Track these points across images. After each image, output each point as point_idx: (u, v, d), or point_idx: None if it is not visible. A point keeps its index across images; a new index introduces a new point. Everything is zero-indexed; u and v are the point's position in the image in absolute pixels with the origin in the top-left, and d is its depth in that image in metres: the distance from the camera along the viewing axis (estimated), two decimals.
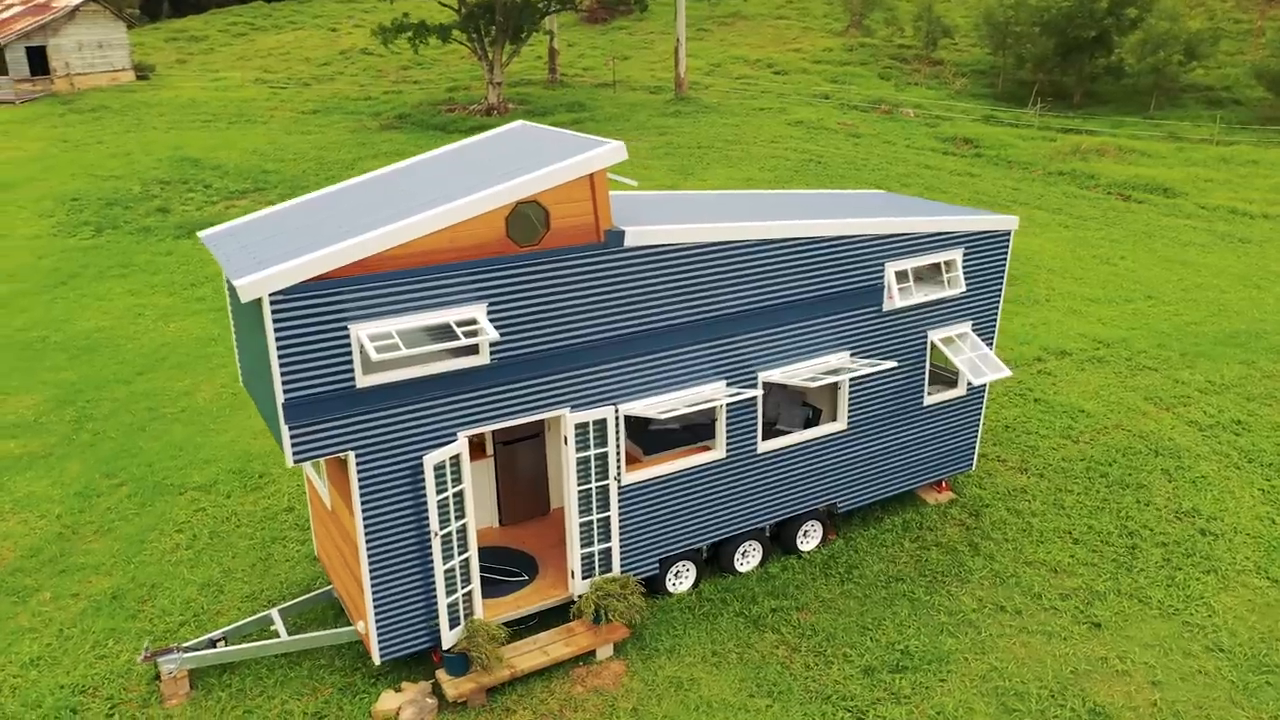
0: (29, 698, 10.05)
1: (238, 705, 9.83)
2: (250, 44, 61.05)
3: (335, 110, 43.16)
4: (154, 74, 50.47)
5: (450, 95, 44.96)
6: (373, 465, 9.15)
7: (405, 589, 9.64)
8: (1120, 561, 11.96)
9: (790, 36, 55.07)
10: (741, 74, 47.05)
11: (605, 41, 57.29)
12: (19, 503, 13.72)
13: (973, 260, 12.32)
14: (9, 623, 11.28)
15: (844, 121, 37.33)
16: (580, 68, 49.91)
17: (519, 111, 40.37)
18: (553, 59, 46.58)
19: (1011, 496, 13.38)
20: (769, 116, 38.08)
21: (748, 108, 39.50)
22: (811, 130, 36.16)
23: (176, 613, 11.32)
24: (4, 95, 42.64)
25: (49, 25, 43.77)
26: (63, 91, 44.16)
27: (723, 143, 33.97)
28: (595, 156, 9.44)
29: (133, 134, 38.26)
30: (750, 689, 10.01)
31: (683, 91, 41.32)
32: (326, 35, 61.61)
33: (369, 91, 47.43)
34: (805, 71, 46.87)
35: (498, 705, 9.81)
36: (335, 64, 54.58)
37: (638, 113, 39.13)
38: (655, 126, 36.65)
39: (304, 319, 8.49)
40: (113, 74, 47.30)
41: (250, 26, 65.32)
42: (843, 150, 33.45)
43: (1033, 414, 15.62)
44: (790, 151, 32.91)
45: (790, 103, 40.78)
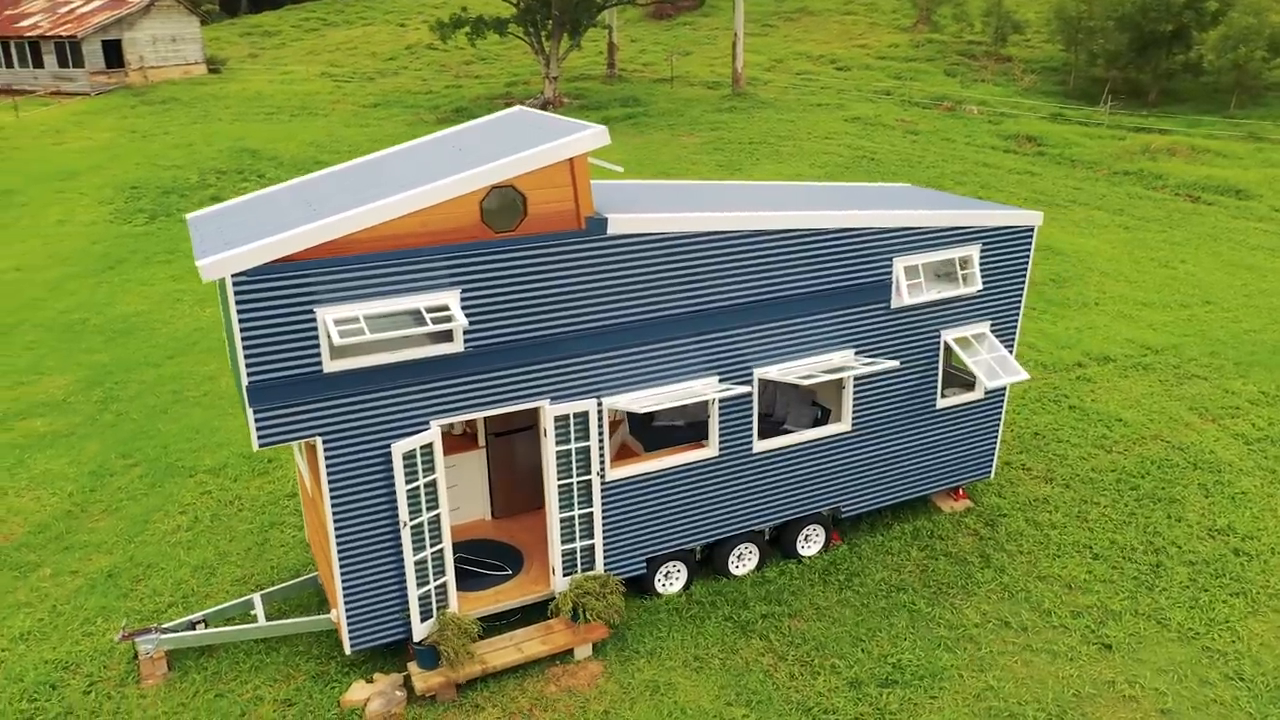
0: (13, 671, 10.17)
1: (211, 688, 9.80)
2: (321, 39, 62.20)
3: (395, 104, 43.65)
4: (225, 67, 51.71)
5: (509, 90, 45.14)
6: (341, 452, 9.00)
7: (376, 579, 9.48)
8: (1141, 580, 11.25)
9: (856, 32, 54.02)
10: (802, 70, 46.27)
11: (668, 37, 56.94)
12: (35, 479, 13.98)
13: (992, 257, 11.71)
14: (8, 597, 11.45)
15: (903, 118, 36.41)
16: (640, 63, 49.66)
17: (574, 106, 40.31)
18: (611, 54, 46.42)
19: (1032, 507, 12.71)
20: (825, 113, 37.33)
21: (804, 104, 38.78)
22: (868, 127, 35.33)
23: (167, 593, 11.36)
24: (80, 87, 44.09)
25: (125, 19, 45.12)
26: (136, 84, 45.50)
27: (775, 139, 33.38)
28: (574, 141, 9.16)
29: (198, 125, 39.19)
30: (729, 697, 9.63)
31: (739, 87, 40.78)
32: (395, 30, 62.45)
33: (430, 86, 47.88)
34: (868, 68, 45.88)
35: (467, 701, 9.60)
36: (400, 59, 55.27)
37: (692, 108, 38.72)
38: (708, 122, 36.21)
39: (268, 301, 8.37)
40: (185, 67, 48.58)
41: (322, 22, 66.57)
42: (898, 147, 32.59)
43: (1066, 421, 14.87)
44: (843, 148, 32.18)
45: (849, 99, 39.94)
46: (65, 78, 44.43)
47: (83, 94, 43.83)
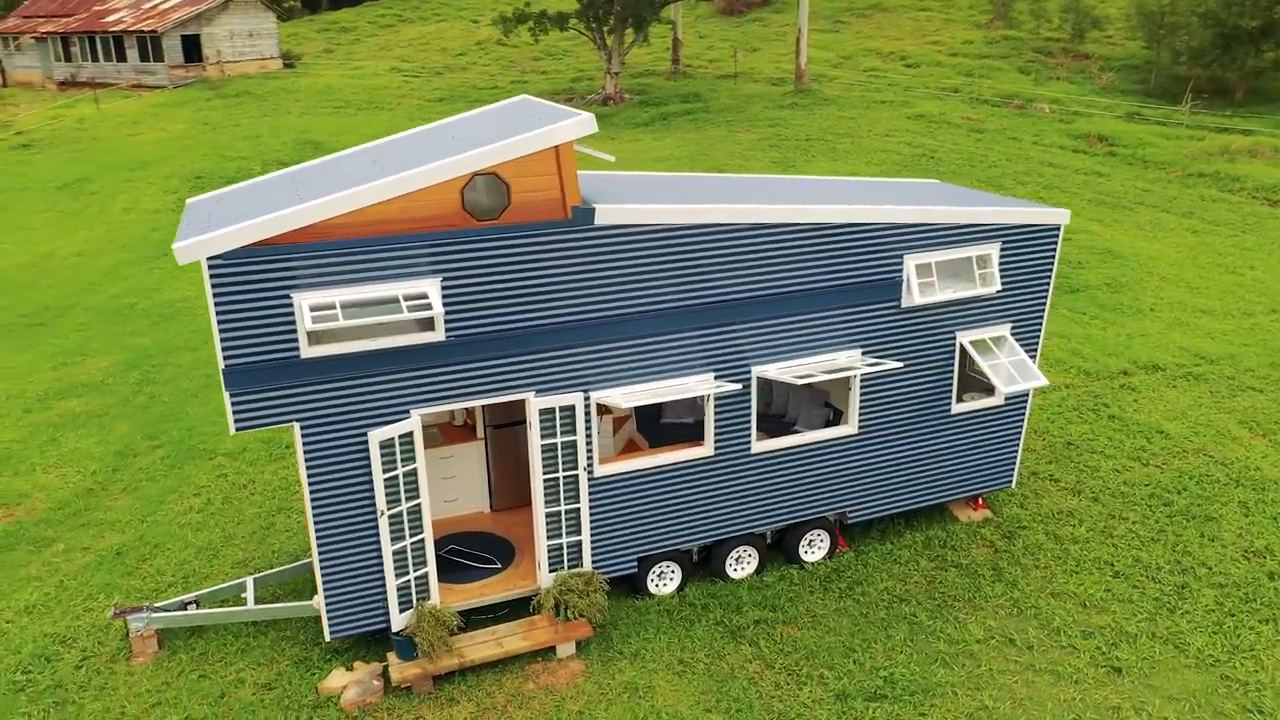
0: (13, 642, 10.41)
1: (196, 669, 9.88)
2: (394, 35, 63.21)
3: (460, 99, 44.07)
4: (300, 62, 52.89)
5: (572, 85, 45.23)
6: (320, 438, 8.97)
7: (356, 567, 9.44)
8: (1163, 601, 10.61)
9: (930, 29, 52.73)
10: (870, 66, 45.34)
11: (737, 34, 56.40)
12: (64, 458, 14.37)
13: (1013, 257, 11.18)
14: (21, 570, 11.75)
15: (969, 116, 35.38)
16: (706, 59, 49.25)
17: (634, 102, 40.17)
18: (676, 50, 46.14)
19: (1055, 520, 12.11)
20: (889, 110, 36.48)
21: (868, 101, 37.97)
22: (931, 125, 34.41)
23: (170, 573, 11.53)
24: (159, 80, 45.54)
25: (203, 15, 46.46)
26: (213, 78, 46.81)
27: (833, 136, 32.73)
28: (559, 128, 8.96)
29: (267, 118, 40.12)
30: (709, 703, 9.34)
31: (802, 83, 40.12)
32: (466, 27, 63.12)
33: (496, 81, 48.25)
34: (939, 65, 44.71)
35: (443, 694, 9.50)
36: (470, 54, 55.83)
37: (753, 104, 38.23)
38: (767, 118, 35.70)
39: (244, 285, 8.37)
40: (261, 62, 49.82)
41: (397, 18, 67.65)
42: (961, 146, 31.66)
43: (1103, 432, 14.16)
44: (903, 146, 31.38)
45: (915, 96, 38.97)
46: (146, 71, 45.95)
47: (161, 87, 45.27)
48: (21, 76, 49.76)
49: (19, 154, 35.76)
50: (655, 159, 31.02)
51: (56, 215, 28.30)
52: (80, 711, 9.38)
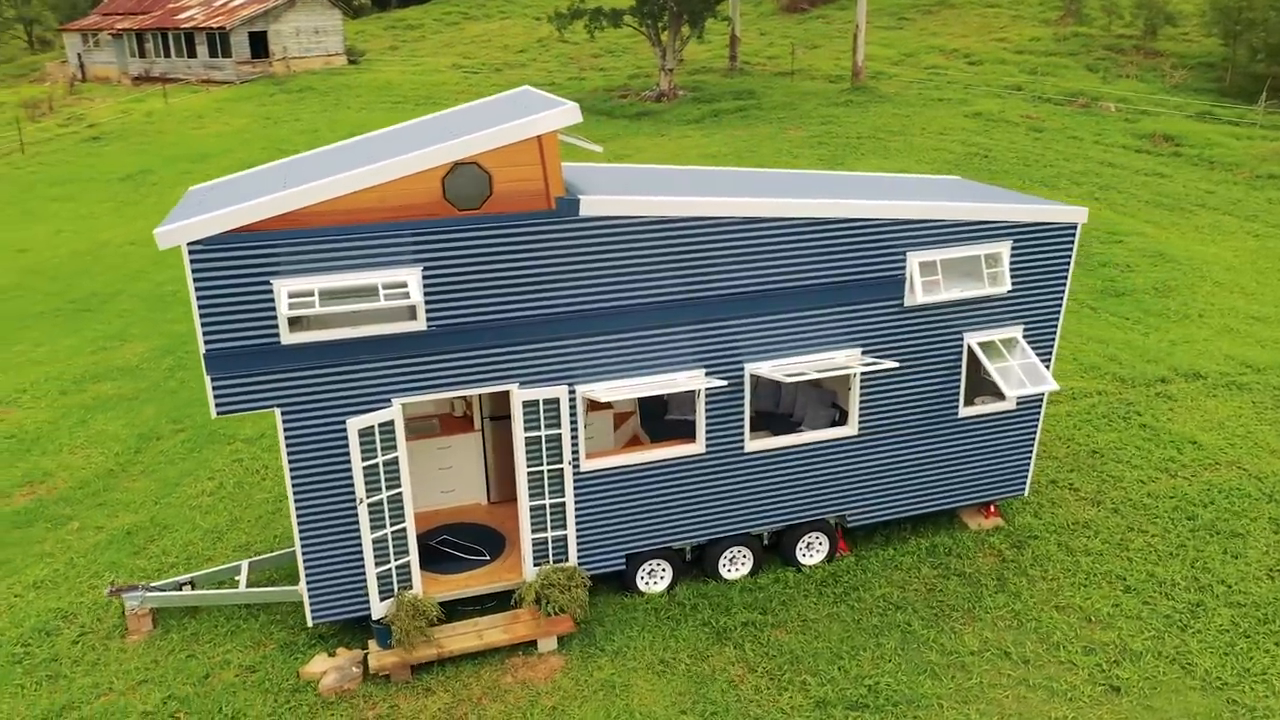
0: (18, 615, 10.71)
1: (185, 649, 10.04)
2: (459, 32, 63.90)
3: None
4: (364, 59, 53.81)
5: (628, 82, 45.19)
6: (300, 424, 9.03)
7: (337, 554, 9.49)
8: (1174, 619, 10.12)
9: (997, 25, 51.44)
10: (932, 64, 44.38)
11: (799, 31, 55.75)
12: (91, 439, 14.77)
13: (1026, 256, 10.77)
14: (36, 546, 12.10)
15: (1029, 115, 34.39)
16: (765, 56, 48.77)
17: (687, 98, 39.97)
18: (733, 46, 45.76)
19: (1069, 530, 11.65)
20: (946, 108, 35.66)
21: (925, 98, 37.16)
22: (989, 123, 33.53)
23: (175, 554, 11.75)
24: (227, 76, 46.74)
25: (271, 12, 47.55)
26: (279, 74, 47.88)
27: (886, 134, 32.10)
28: (540, 118, 8.87)
29: (327, 113, 40.89)
30: (684, 704, 9.18)
31: (859, 80, 39.46)
32: (529, 24, 63.48)
33: (554, 78, 48.42)
34: (1003, 62, 43.56)
35: (420, 683, 9.49)
36: (531, 51, 56.16)
37: (807, 101, 37.72)
38: (820, 116, 35.18)
39: (224, 270, 8.46)
40: (326, 58, 50.81)
41: (463, 16, 68.38)
42: (1017, 145, 30.78)
43: (1132, 440, 13.59)
44: (957, 144, 30.63)
45: (976, 94, 38.03)
46: (215, 67, 47.22)
47: (229, 82, 46.46)
48: (100, 72, 51.55)
49: (89, 145, 37.02)
50: (702, 155, 30.80)
51: (117, 205, 29.21)
52: (70, 685, 9.60)
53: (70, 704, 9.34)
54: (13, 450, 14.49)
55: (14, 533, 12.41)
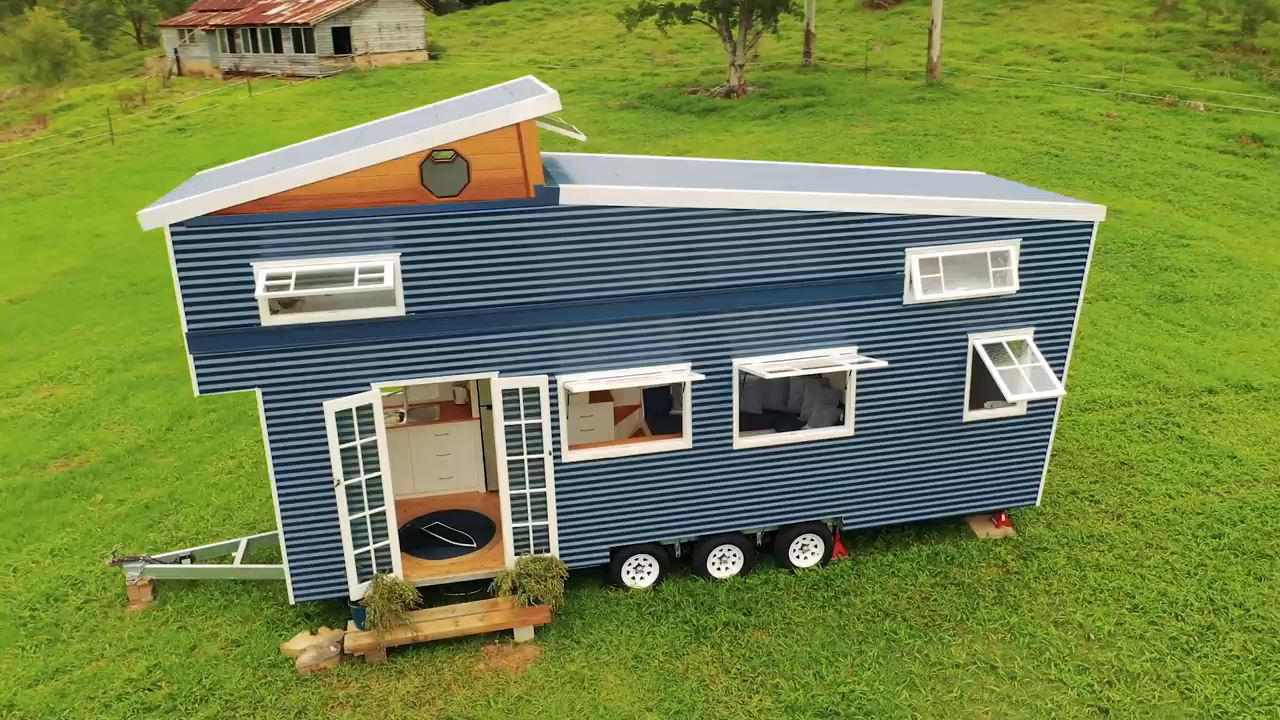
0: (32, 580, 11.18)
1: (177, 621, 10.34)
2: (540, 28, 64.50)
3: (588, 90, 44.55)
4: (444, 54, 54.71)
5: (700, 78, 44.96)
6: (280, 405, 9.19)
7: (317, 534, 9.63)
8: (1180, 642, 9.57)
9: (1088, 21, 49.57)
10: (1014, 60, 43.00)
11: (880, 27, 54.68)
12: (128, 416, 15.33)
13: (1037, 255, 10.32)
14: (60, 516, 12.61)
15: (1109, 113, 33.03)
16: (841, 53, 47.95)
17: (754, 94, 39.56)
18: (808, 42, 45.13)
19: (1082, 544, 11.13)
20: (1022, 105, 34.50)
21: (1001, 96, 36.02)
22: (1065, 121, 32.33)
23: (186, 529, 12.11)
24: (310, 70, 48.06)
25: (354, 8, 48.71)
26: (360, 69, 49.03)
27: (954, 131, 31.22)
28: (518, 106, 8.84)
29: (404, 107, 41.66)
30: (651, 701, 9.06)
31: (934, 77, 38.47)
32: (610, 20, 63.61)
33: (628, 74, 48.48)
34: (1089, 59, 41.95)
35: (394, 665, 9.58)
36: (608, 47, 56.35)
37: (877, 98, 36.95)
38: (889, 113, 34.42)
39: (206, 252, 8.66)
40: (407, 54, 51.82)
41: (545, 12, 68.99)
42: (1093, 144, 29.60)
43: (1165, 453, 12.92)
44: (1027, 143, 29.61)
45: (1056, 92, 36.71)
46: (299, 62, 48.60)
47: (311, 77, 47.76)
48: (194, 66, 53.57)
49: (175, 137, 38.50)
50: (763, 151, 30.44)
51: None
52: (66, 650, 9.97)
53: (63, 668, 9.70)
54: (54, 424, 15.14)
55: (43, 502, 12.96)
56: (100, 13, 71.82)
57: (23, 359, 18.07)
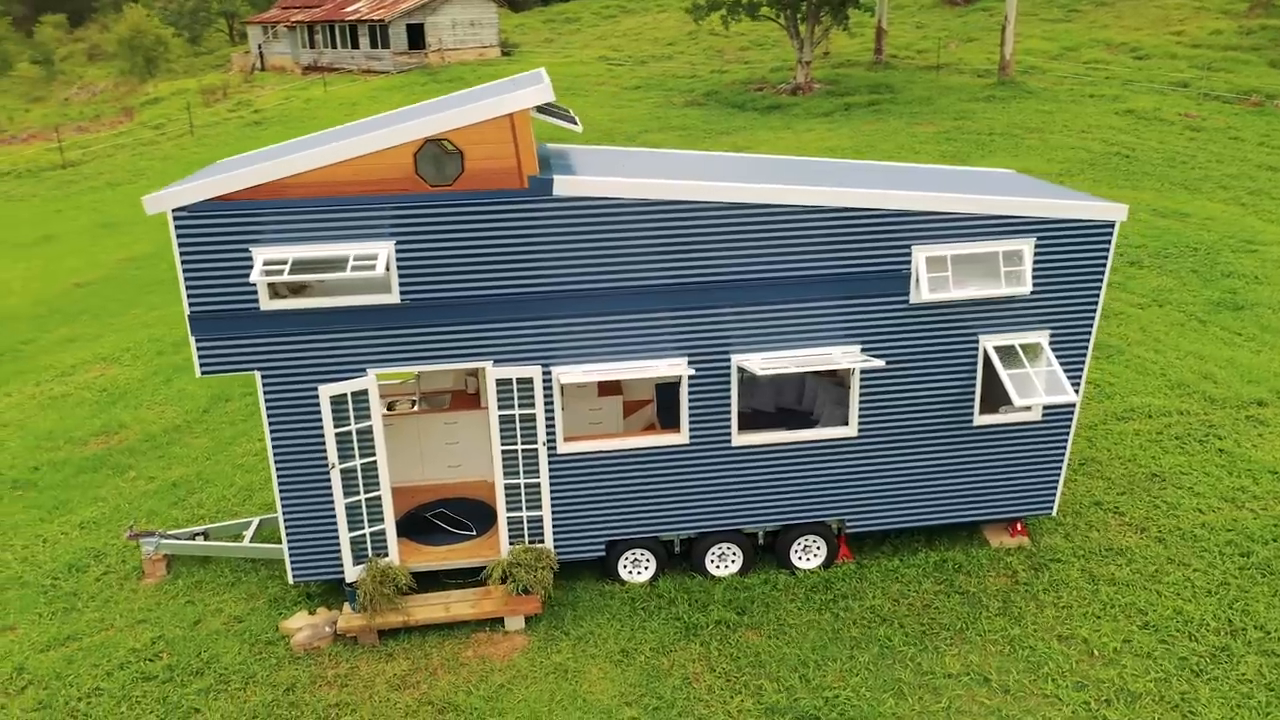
0: (58, 550, 11.65)
1: (186, 595, 10.66)
2: (614, 25, 64.73)
3: (654, 87, 44.58)
4: (517, 51, 55.32)
5: (767, 75, 44.59)
6: (279, 388, 9.40)
7: (315, 516, 9.82)
8: (1190, 662, 9.14)
9: (1176, 18, 47.66)
10: (1093, 58, 41.59)
11: (958, 24, 53.45)
12: (170, 397, 15.86)
13: (1053, 255, 9.96)
14: (94, 490, 13.12)
15: (1188, 113, 31.72)
16: (914, 50, 47.03)
17: (820, 92, 39.05)
18: (879, 39, 44.37)
19: (1099, 556, 10.72)
20: (1096, 104, 33.36)
21: (1076, 94, 34.89)
22: (1140, 121, 31.15)
23: (208, 507, 12.48)
24: (385, 66, 49.07)
25: (428, 5, 49.58)
26: (433, 64, 49.89)
27: (1021, 131, 30.35)
28: (511, 97, 8.87)
29: None
30: (631, 696, 9.01)
31: (1006, 75, 37.44)
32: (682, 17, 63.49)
33: (696, 71, 48.37)
34: (1173, 57, 40.33)
35: (384, 648, 9.72)
36: (680, 44, 56.27)
37: (945, 96, 36.14)
38: (955, 111, 33.63)
39: (207, 237, 8.89)
40: (480, 50, 52.55)
41: (620, 9, 69.18)
42: (1167, 144, 28.47)
43: (1201, 465, 12.35)
44: (1097, 143, 28.63)
45: (1134, 90, 35.40)
46: (374, 57, 49.67)
47: (385, 72, 48.76)
48: (277, 62, 55.20)
49: (251, 130, 39.70)
50: (822, 149, 30.04)
51: None
52: (79, 618, 10.36)
53: (74, 635, 10.08)
54: (100, 402, 15.75)
55: (80, 476, 13.50)
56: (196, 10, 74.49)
57: (81, 340, 18.85)
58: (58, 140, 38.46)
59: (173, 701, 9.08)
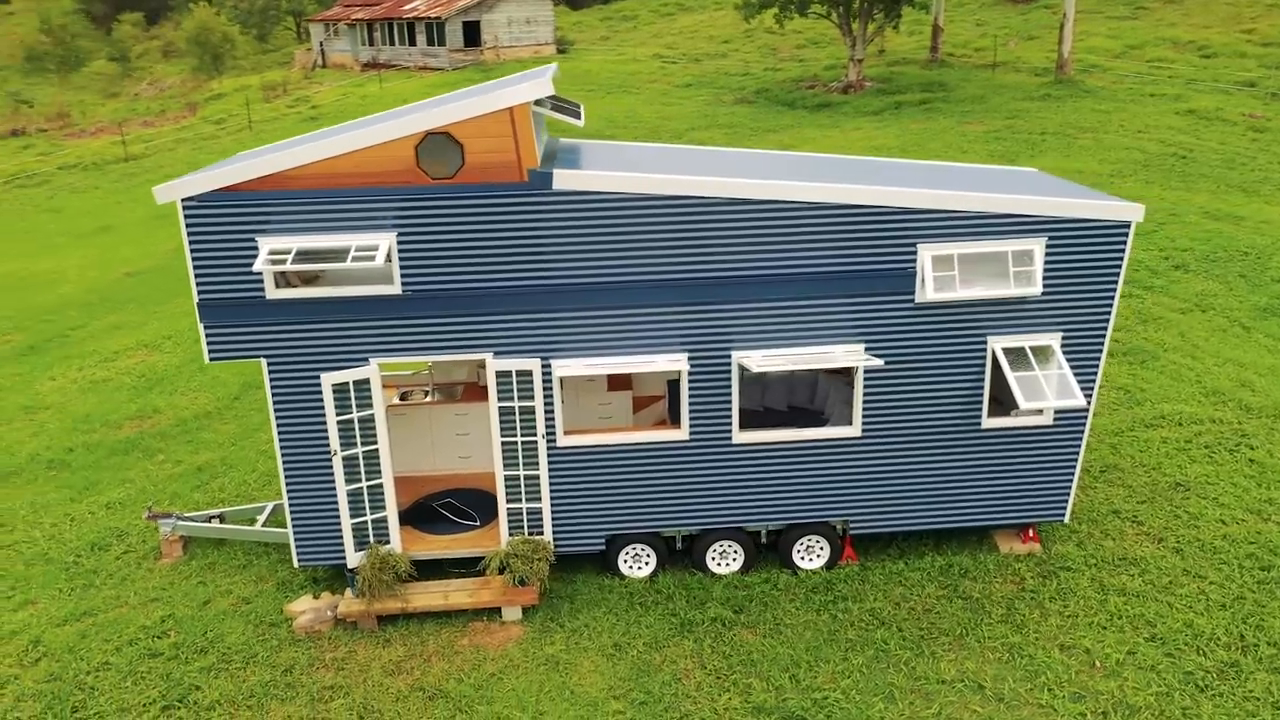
0: (84, 529, 12.04)
1: (199, 576, 10.94)
2: (670, 23, 64.66)
3: (706, 85, 44.47)
4: (573, 48, 55.56)
5: (819, 73, 44.18)
6: (284, 376, 9.59)
7: (319, 502, 10.00)
8: (1195, 677, 8.87)
9: (1249, 15, 46.06)
10: (1157, 57, 40.41)
11: (1019, 21, 52.34)
12: (204, 384, 16.28)
13: (1065, 256, 9.73)
14: (123, 472, 13.53)
15: (1252, 113, 30.65)
16: (973, 48, 46.17)
17: (871, 90, 38.57)
18: (934, 37, 43.65)
19: (1110, 566, 10.44)
20: (1156, 104, 32.42)
21: (1135, 94, 33.95)
22: (1201, 121, 30.19)
23: (230, 490, 12.79)
24: (440, 63, 49.67)
25: (484, 2, 50.04)
26: (488, 61, 50.33)
27: (1074, 130, 29.63)
28: (511, 90, 8.94)
29: None
30: (620, 690, 9.03)
31: (1063, 73, 36.57)
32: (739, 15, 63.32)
33: (749, 68, 48.12)
34: (1242, 55, 38.99)
35: (383, 634, 9.87)
36: (734, 42, 56.00)
37: (999, 95, 35.43)
38: (1007, 110, 32.95)
39: (214, 226, 9.11)
40: (535, 47, 52.89)
41: (678, 6, 69.05)
42: (1227, 145, 27.55)
43: (1229, 475, 11.96)
44: (1154, 143, 27.82)
45: (1198, 90, 34.32)
46: (430, 55, 50.31)
47: (441, 69, 49.36)
48: (337, 59, 56.21)
49: (307, 125, 40.48)
50: (868, 147, 29.69)
51: None
52: (96, 595, 10.70)
53: (90, 611, 10.42)
54: (137, 388, 16.23)
55: (112, 459, 13.93)
56: (265, 9, 76.18)
57: (126, 327, 19.44)
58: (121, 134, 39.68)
59: (175, 678, 9.33)
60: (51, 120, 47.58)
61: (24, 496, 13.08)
